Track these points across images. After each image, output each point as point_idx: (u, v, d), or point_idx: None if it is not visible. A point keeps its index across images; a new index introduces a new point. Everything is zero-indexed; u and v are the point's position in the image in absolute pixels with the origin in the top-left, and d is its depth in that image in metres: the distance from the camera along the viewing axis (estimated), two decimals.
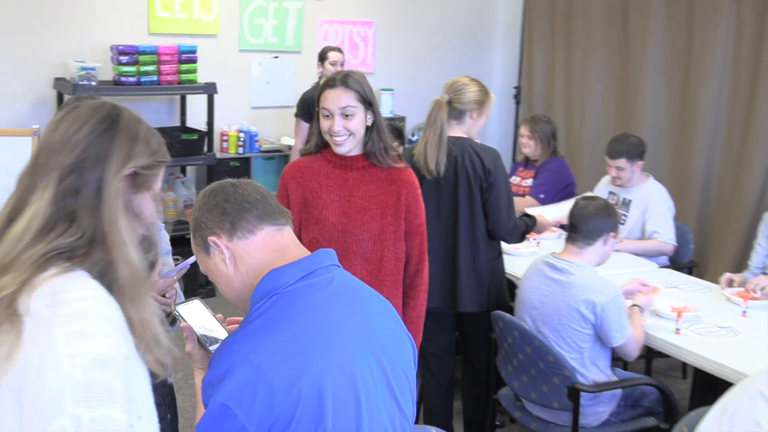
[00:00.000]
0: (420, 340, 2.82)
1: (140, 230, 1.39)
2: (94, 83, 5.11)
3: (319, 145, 2.70)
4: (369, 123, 2.62)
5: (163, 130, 5.46)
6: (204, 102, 5.59)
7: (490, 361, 3.44)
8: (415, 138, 6.33)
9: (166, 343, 1.37)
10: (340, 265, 1.66)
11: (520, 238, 3.50)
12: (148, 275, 1.38)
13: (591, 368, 3.08)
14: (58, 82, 5.29)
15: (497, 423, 3.68)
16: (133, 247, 1.32)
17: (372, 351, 1.55)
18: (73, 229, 1.29)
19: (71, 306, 1.21)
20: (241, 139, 6.03)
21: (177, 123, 5.86)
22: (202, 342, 1.73)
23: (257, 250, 1.59)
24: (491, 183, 3.26)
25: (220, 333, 1.76)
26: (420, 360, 3.59)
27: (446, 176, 3.27)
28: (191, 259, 2.29)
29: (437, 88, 3.47)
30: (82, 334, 1.19)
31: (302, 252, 1.62)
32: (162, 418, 2.50)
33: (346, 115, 2.56)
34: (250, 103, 6.23)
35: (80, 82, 5.06)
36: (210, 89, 5.51)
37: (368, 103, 2.60)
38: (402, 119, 6.66)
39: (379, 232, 2.65)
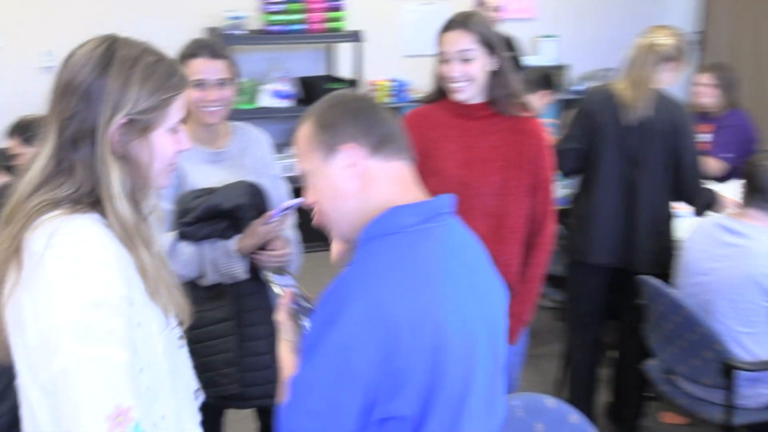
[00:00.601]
0: (532, 302, 2.63)
1: (142, 178, 1.34)
2: (243, 32, 5.12)
3: (440, 93, 2.54)
4: (493, 68, 2.43)
5: (310, 80, 5.45)
6: (352, 51, 5.52)
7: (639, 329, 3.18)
8: (583, 87, 5.94)
9: (167, 292, 1.35)
10: (454, 212, 1.51)
11: (705, 207, 3.27)
12: (147, 223, 1.36)
13: (765, 346, 2.75)
14: (209, 32, 5.35)
15: (648, 395, 3.40)
16: (122, 201, 1.29)
17: (483, 305, 1.41)
18: (69, 183, 1.28)
19: (65, 249, 1.22)
20: (392, 89, 5.90)
21: (324, 72, 5.83)
22: (297, 314, 1.59)
23: (389, 177, 1.43)
24: (684, 143, 3.06)
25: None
26: (568, 317, 3.52)
27: (636, 126, 3.06)
28: (296, 202, 2.13)
29: (604, 35, 3.22)
30: (76, 275, 1.20)
31: (422, 193, 1.48)
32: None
33: (465, 60, 2.39)
34: (401, 52, 6.06)
35: (229, 32, 5.08)
36: (357, 37, 5.42)
37: (491, 46, 2.41)
38: (564, 68, 6.26)
39: (502, 185, 2.48)
